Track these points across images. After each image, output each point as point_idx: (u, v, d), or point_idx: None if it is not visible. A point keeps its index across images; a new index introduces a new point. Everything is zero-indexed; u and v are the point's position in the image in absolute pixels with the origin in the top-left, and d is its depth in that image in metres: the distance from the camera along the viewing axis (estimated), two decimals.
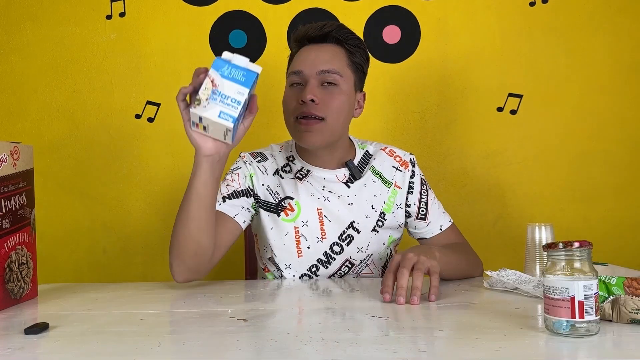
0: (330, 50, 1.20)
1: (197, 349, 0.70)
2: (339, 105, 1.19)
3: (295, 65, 1.21)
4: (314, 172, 1.26)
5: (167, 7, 1.80)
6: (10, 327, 0.84)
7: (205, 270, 1.12)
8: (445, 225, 1.31)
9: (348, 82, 1.21)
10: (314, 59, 1.19)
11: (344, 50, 1.21)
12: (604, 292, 0.78)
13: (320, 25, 1.21)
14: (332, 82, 1.18)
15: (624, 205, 1.79)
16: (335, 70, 1.18)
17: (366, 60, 1.26)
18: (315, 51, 1.20)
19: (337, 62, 1.19)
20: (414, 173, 1.31)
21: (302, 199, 1.24)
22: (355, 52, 1.22)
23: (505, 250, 1.79)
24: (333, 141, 1.22)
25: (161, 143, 1.81)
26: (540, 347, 0.70)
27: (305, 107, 1.16)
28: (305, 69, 1.18)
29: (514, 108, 1.80)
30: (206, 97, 0.90)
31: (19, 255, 1.00)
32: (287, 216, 1.24)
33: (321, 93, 1.17)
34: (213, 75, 0.91)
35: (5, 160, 0.97)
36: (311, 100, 1.15)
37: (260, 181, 1.25)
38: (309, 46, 1.22)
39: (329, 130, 1.19)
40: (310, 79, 1.17)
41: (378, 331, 0.77)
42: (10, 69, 1.81)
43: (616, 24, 1.78)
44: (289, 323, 0.85)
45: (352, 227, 1.25)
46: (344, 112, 1.20)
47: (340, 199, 1.25)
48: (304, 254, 1.23)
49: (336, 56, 1.20)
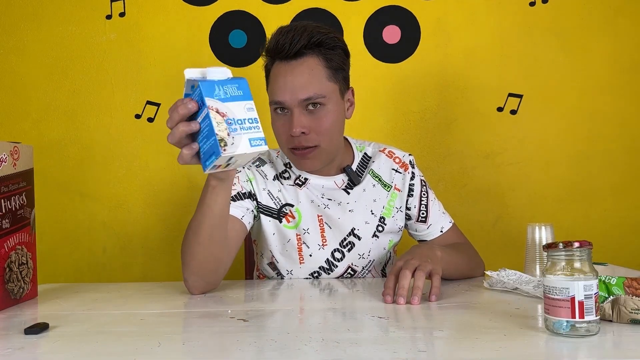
0: (306, 67, 1.13)
1: (197, 349, 0.70)
2: (329, 127, 1.15)
3: (274, 93, 1.15)
4: (312, 180, 1.24)
5: (167, 7, 1.80)
6: (10, 327, 0.84)
7: (220, 280, 1.10)
8: (446, 227, 1.31)
9: (333, 96, 1.15)
10: (291, 86, 1.12)
11: (320, 60, 1.14)
12: (604, 292, 0.78)
13: (290, 40, 1.12)
14: (317, 103, 1.13)
15: (624, 205, 1.79)
16: (317, 94, 1.12)
17: (346, 57, 1.19)
18: (291, 73, 1.12)
19: (317, 83, 1.13)
20: (414, 175, 1.30)
21: (303, 206, 1.23)
22: (332, 56, 1.15)
23: (505, 250, 1.78)
24: (332, 159, 1.22)
25: (161, 143, 1.80)
26: (540, 347, 0.70)
27: (296, 139, 1.13)
28: (286, 100, 1.12)
29: (514, 108, 1.80)
30: (227, 132, 0.78)
31: (19, 255, 1.00)
32: (289, 223, 1.23)
33: (308, 120, 1.13)
34: (213, 104, 0.78)
35: (5, 160, 0.97)
36: (301, 133, 1.13)
37: (260, 185, 1.23)
38: (282, 65, 1.14)
39: (325, 153, 1.18)
40: (293, 109, 1.13)
41: (378, 331, 0.77)
42: (10, 69, 1.81)
43: (616, 24, 1.78)
44: (289, 323, 0.85)
45: (353, 233, 1.24)
46: (336, 130, 1.18)
47: (340, 205, 1.24)
48: (305, 261, 1.23)
49: (314, 74, 1.13)
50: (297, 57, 1.13)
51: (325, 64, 1.14)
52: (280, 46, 1.13)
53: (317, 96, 1.12)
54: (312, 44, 1.13)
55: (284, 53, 1.13)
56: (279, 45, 1.13)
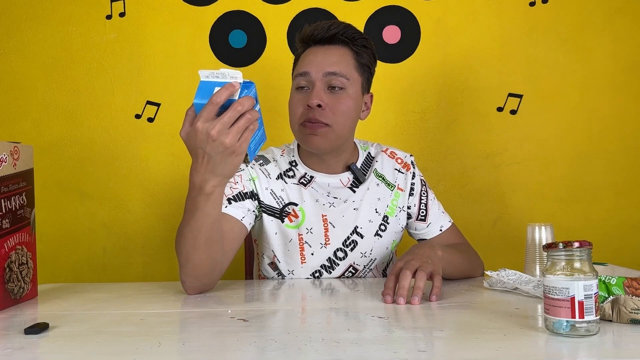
0: (337, 52, 1.18)
1: (197, 349, 0.70)
2: (345, 110, 1.17)
3: (301, 66, 1.19)
4: (317, 178, 1.25)
5: (167, 7, 1.80)
6: (10, 327, 0.83)
7: (217, 280, 1.09)
8: (445, 226, 1.31)
9: (355, 85, 1.19)
10: (320, 61, 1.17)
11: (351, 52, 1.19)
12: (604, 292, 0.78)
13: (327, 26, 1.18)
14: (339, 86, 1.16)
15: (624, 205, 1.80)
16: (343, 73, 1.16)
17: (373, 60, 1.25)
18: (322, 53, 1.18)
19: (344, 65, 1.17)
20: (415, 175, 1.32)
21: (307, 205, 1.23)
22: (362, 53, 1.20)
23: (505, 250, 1.79)
24: (339, 145, 1.21)
25: (161, 143, 1.81)
26: (540, 347, 0.70)
27: (311, 112, 1.15)
28: (312, 71, 1.16)
29: (514, 108, 1.80)
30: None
31: (19, 255, 1.00)
32: (291, 222, 1.22)
33: (328, 98, 1.16)
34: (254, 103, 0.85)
35: (5, 160, 0.97)
36: (318, 105, 1.14)
37: (263, 185, 1.23)
38: (315, 47, 1.20)
39: (335, 135, 1.17)
40: (316, 82, 1.16)
41: (378, 331, 0.77)
42: (10, 69, 1.81)
43: (616, 24, 1.78)
44: (289, 323, 0.85)
45: (356, 232, 1.24)
46: (350, 117, 1.19)
47: (346, 203, 1.24)
48: (307, 260, 1.23)
49: (343, 58, 1.18)
50: (330, 42, 1.19)
51: (355, 57, 1.20)
52: (316, 32, 1.19)
53: (342, 75, 1.16)
54: (346, 35, 1.19)
55: (319, 37, 1.19)
56: (315, 30, 1.19)
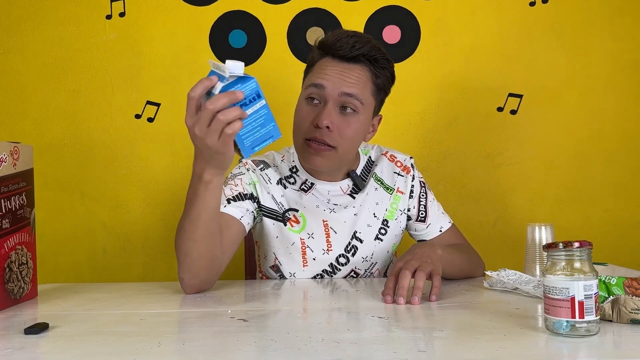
0: (357, 72, 1.14)
1: (197, 349, 0.70)
2: (353, 134, 1.15)
3: (316, 77, 1.14)
4: (318, 186, 1.24)
5: (167, 7, 1.80)
6: (10, 327, 0.83)
7: (215, 279, 1.09)
8: (445, 227, 1.31)
9: (367, 109, 1.17)
10: (338, 78, 1.12)
11: (371, 74, 1.15)
12: (604, 292, 0.78)
13: (352, 43, 1.13)
14: (351, 109, 1.14)
15: (624, 205, 1.79)
16: (358, 97, 1.13)
17: (391, 82, 1.21)
18: (341, 69, 1.13)
19: (362, 88, 1.14)
20: (414, 177, 1.32)
21: (308, 211, 1.22)
22: (380, 75, 1.17)
23: (505, 250, 1.79)
24: (341, 166, 1.22)
25: (161, 143, 1.81)
26: (540, 347, 0.70)
27: (318, 132, 1.12)
28: (328, 86, 1.12)
29: (514, 108, 1.80)
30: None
31: (19, 255, 1.00)
32: (293, 227, 1.22)
33: (338, 119, 1.13)
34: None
35: (5, 160, 0.97)
36: (326, 127, 1.11)
37: (264, 189, 1.22)
38: (334, 60, 1.15)
39: (338, 158, 1.17)
40: (329, 100, 1.12)
41: (378, 331, 0.77)
42: (10, 69, 1.81)
43: (616, 24, 1.78)
44: (289, 323, 0.85)
45: (355, 237, 1.24)
46: (357, 141, 1.18)
47: (346, 209, 1.24)
48: (309, 264, 1.22)
49: (361, 80, 1.14)
50: (352, 61, 1.14)
51: (373, 79, 1.16)
52: (339, 45, 1.13)
53: (357, 98, 1.13)
54: (370, 56, 1.14)
55: (341, 53, 1.13)
56: (339, 44, 1.14)
